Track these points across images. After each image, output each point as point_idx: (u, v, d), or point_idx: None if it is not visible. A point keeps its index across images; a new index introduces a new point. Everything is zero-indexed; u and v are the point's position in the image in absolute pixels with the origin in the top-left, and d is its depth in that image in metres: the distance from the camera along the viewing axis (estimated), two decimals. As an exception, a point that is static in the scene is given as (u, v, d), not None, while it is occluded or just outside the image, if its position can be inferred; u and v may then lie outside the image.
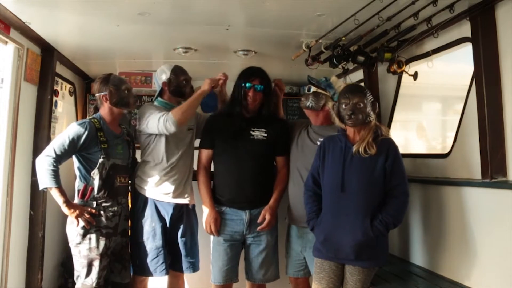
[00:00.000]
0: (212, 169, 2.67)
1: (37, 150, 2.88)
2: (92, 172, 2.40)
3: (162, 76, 2.67)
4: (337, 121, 2.25)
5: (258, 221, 2.50)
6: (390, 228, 2.13)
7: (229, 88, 2.76)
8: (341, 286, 2.23)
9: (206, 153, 2.63)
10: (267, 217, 2.48)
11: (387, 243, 2.25)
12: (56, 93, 3.45)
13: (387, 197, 2.14)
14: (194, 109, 2.56)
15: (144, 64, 4.06)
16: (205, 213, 2.54)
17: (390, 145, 2.18)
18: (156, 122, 2.48)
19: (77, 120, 4.11)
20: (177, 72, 2.67)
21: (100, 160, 2.41)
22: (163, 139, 2.58)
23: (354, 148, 2.14)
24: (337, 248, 2.15)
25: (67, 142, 2.35)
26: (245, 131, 2.53)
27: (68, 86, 3.86)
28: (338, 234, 2.13)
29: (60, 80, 3.59)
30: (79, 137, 2.37)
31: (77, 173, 2.46)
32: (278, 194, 2.56)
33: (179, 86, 2.66)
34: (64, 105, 3.73)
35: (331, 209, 2.19)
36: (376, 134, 2.17)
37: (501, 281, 2.09)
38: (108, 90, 2.49)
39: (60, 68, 3.47)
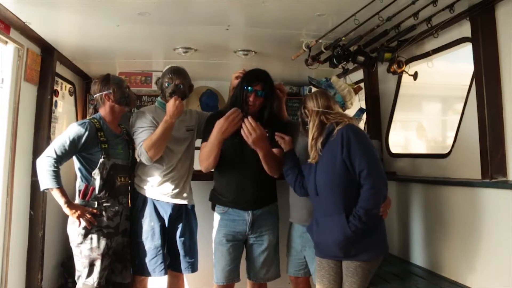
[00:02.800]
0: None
1: (37, 150, 2.88)
2: (93, 172, 2.40)
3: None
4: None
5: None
6: (365, 220, 2.00)
7: (225, 88, 2.75)
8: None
9: None
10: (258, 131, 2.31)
11: (380, 233, 2.13)
12: (56, 93, 3.45)
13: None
14: (165, 140, 2.50)
15: (144, 64, 4.07)
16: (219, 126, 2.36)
17: (343, 132, 2.06)
18: (137, 149, 2.53)
19: (77, 120, 4.11)
20: (164, 75, 2.62)
21: (101, 160, 2.41)
22: None
23: (311, 156, 2.18)
24: (326, 249, 2.17)
25: (68, 142, 2.35)
26: None
27: (68, 86, 3.86)
28: (323, 236, 2.15)
29: (60, 80, 3.60)
30: (79, 137, 2.37)
31: (78, 173, 2.46)
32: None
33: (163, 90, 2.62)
34: (64, 105, 3.74)
35: (315, 213, 2.23)
36: (329, 130, 2.12)
37: (501, 281, 2.10)
38: (111, 88, 2.49)
39: (60, 68, 3.47)
